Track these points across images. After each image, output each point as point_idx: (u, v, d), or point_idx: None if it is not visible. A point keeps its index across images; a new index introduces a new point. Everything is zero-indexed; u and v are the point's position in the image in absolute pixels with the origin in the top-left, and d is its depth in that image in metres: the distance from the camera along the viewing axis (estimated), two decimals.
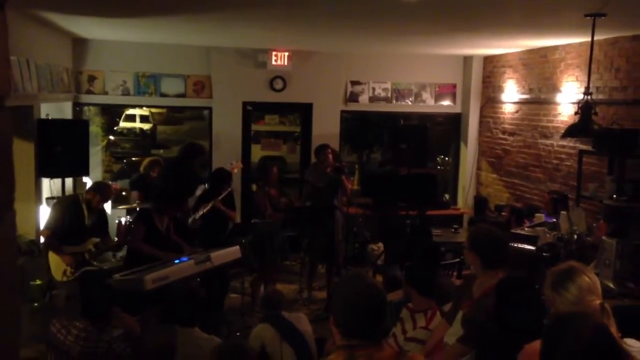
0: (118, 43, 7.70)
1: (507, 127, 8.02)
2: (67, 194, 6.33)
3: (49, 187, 6.49)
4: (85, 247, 5.46)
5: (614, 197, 5.21)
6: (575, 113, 5.23)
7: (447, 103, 8.87)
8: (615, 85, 5.88)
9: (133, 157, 13.64)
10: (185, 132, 16.45)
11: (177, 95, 8.06)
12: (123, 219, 6.49)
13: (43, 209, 6.06)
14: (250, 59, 8.07)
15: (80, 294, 3.86)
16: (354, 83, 8.56)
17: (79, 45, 7.58)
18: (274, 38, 7.02)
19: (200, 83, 8.07)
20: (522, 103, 7.66)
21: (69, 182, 6.66)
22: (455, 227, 7.09)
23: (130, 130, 16.25)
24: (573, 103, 6.04)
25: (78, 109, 7.83)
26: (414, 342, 3.58)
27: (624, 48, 5.79)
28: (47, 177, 6.24)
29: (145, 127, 16.54)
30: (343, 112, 8.64)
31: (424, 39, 6.81)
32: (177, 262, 4.61)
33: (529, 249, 4.86)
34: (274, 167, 6.52)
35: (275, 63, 7.95)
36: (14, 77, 4.79)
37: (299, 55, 8.08)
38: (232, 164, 6.67)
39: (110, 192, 5.90)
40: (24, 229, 5.46)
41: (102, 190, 5.69)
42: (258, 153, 8.83)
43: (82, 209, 5.49)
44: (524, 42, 6.87)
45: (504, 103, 8.07)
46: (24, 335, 3.71)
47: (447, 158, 9.86)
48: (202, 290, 4.34)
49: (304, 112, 8.57)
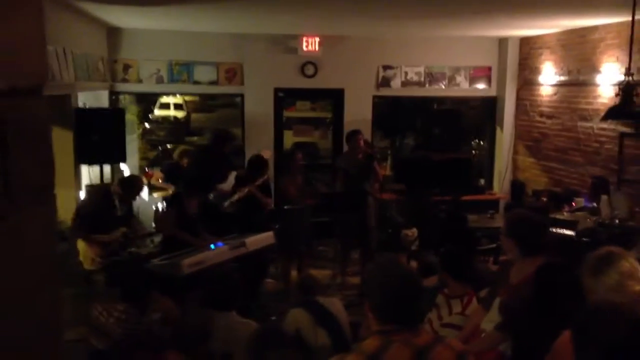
0: (151, 32, 7.78)
1: (544, 109, 7.83)
2: (99, 183, 6.42)
3: (88, 174, 6.64)
4: (114, 236, 5.39)
5: None
6: (616, 95, 5.08)
7: (481, 86, 8.69)
8: None
9: (168, 144, 13.85)
10: (218, 119, 16.55)
11: (209, 83, 8.11)
12: (160, 205, 6.61)
13: (82, 196, 6.21)
14: (281, 45, 8.05)
15: (120, 279, 3.94)
16: (386, 67, 8.46)
17: (114, 35, 7.68)
18: (304, 24, 6.98)
19: (232, 70, 8.10)
20: (560, 85, 7.45)
21: (107, 169, 6.79)
22: (491, 212, 6.99)
23: (165, 118, 16.49)
24: (613, 85, 5.86)
25: (114, 98, 7.98)
26: (450, 327, 3.56)
27: None
28: (85, 164, 6.40)
29: (179, 115, 16.75)
30: (375, 97, 8.55)
31: (458, 21, 6.67)
32: (212, 247, 4.71)
33: (569, 234, 4.76)
34: (298, 153, 6.54)
35: (306, 49, 7.91)
36: (51, 66, 4.87)
37: (330, 41, 8.02)
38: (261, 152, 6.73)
39: (136, 186, 5.78)
40: (65, 215, 5.52)
41: (125, 186, 5.60)
42: (290, 139, 8.83)
43: (111, 199, 5.49)
44: (562, 22, 6.67)
45: (541, 85, 7.86)
46: (66, 318, 3.82)
47: (481, 142, 9.67)
48: (236, 275, 4.39)
49: (336, 98, 8.51)
